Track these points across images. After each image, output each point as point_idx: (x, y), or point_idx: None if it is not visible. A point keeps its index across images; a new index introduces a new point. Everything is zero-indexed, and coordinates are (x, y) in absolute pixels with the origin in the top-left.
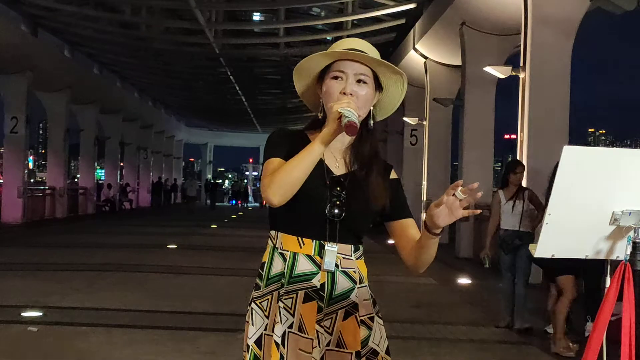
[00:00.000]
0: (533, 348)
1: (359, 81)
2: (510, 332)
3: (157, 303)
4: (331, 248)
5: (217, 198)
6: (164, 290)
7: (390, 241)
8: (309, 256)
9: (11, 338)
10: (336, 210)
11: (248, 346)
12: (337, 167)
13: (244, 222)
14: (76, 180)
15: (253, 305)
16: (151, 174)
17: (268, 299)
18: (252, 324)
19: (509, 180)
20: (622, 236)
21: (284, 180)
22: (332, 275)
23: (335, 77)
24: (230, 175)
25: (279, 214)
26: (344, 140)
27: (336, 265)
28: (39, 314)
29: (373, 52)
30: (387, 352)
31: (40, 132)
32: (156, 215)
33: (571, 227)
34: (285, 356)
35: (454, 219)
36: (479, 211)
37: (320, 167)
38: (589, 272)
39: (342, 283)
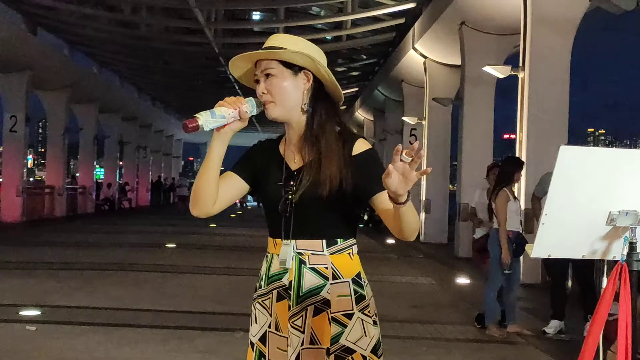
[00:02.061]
0: (531, 348)
1: (267, 76)
2: (510, 332)
3: (156, 302)
4: (285, 245)
5: None
6: (162, 290)
7: (390, 240)
8: (279, 256)
9: (9, 337)
10: (284, 206)
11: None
12: (295, 162)
13: (242, 222)
14: (75, 177)
15: (252, 305)
16: (150, 173)
17: (255, 300)
18: (251, 323)
19: (515, 178)
20: (619, 236)
21: (193, 191)
22: (298, 272)
23: (257, 81)
24: None
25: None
26: (299, 133)
27: (303, 262)
28: (37, 313)
29: (287, 43)
30: (374, 351)
31: (40, 130)
32: (155, 214)
33: (568, 227)
34: (267, 355)
35: (411, 182)
36: (429, 169)
37: (280, 165)
38: (577, 269)
39: (310, 280)
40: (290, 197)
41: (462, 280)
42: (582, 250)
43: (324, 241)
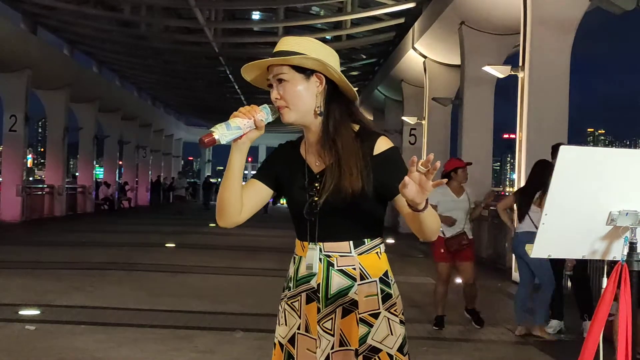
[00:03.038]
0: (531, 348)
1: (280, 81)
2: (508, 332)
3: (156, 302)
4: (311, 249)
5: (212, 197)
6: (162, 289)
7: (390, 240)
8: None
9: (9, 336)
10: (309, 210)
11: (274, 344)
12: (317, 165)
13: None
14: (75, 177)
15: (279, 305)
16: (150, 172)
17: (284, 301)
18: (278, 323)
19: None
20: (619, 236)
21: (218, 204)
22: (326, 275)
23: (270, 86)
24: None
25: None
26: (317, 136)
27: (331, 265)
28: (37, 312)
29: (297, 46)
30: (400, 349)
31: (40, 130)
32: (155, 213)
33: (568, 227)
34: (295, 357)
35: (427, 192)
36: (444, 180)
37: (302, 169)
38: (577, 280)
39: (338, 282)
40: (314, 201)
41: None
42: (582, 251)
43: (351, 242)
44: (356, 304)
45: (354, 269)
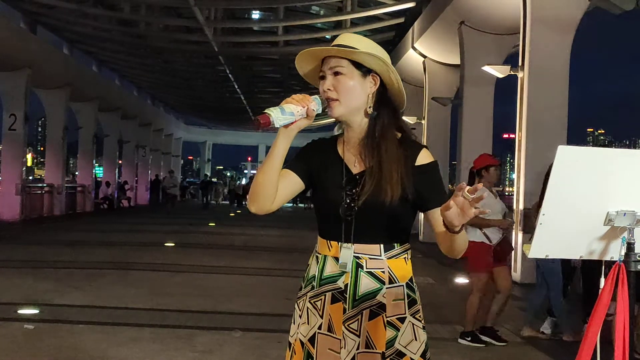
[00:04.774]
0: (531, 348)
1: (336, 74)
2: (509, 332)
3: (154, 301)
4: (346, 248)
5: (210, 197)
6: (161, 288)
7: None
8: (335, 258)
9: (7, 335)
10: (347, 209)
11: (289, 344)
12: (356, 166)
13: (241, 221)
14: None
15: (295, 305)
16: (149, 172)
17: (304, 300)
18: (293, 323)
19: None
20: (617, 237)
21: (253, 187)
22: (355, 276)
23: (322, 77)
24: (229, 174)
25: (316, 219)
26: (359, 135)
27: (360, 266)
28: (36, 311)
29: (353, 42)
30: (423, 355)
31: (39, 129)
32: (154, 212)
33: (565, 228)
34: (314, 356)
35: (467, 217)
36: (487, 210)
37: (339, 167)
38: (586, 273)
39: (367, 284)
40: (353, 202)
41: (462, 279)
42: (580, 251)
43: (382, 246)
44: (384, 307)
45: (383, 272)
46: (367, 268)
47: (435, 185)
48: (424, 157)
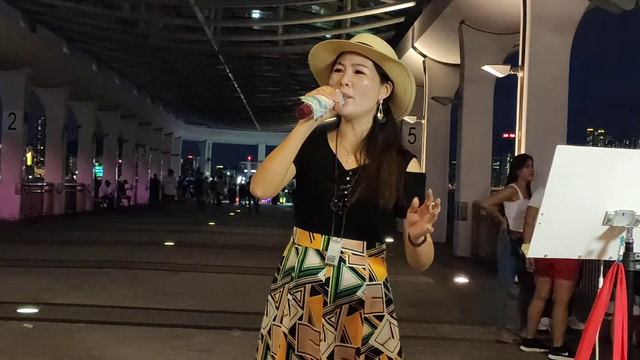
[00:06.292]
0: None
1: (357, 72)
2: (508, 332)
3: (153, 300)
4: (335, 242)
5: (205, 196)
6: (160, 288)
7: (389, 239)
8: (317, 251)
9: (6, 334)
10: (339, 204)
11: (262, 335)
12: (348, 162)
13: (241, 220)
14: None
15: (268, 297)
16: (149, 171)
17: (280, 292)
18: (266, 315)
19: (520, 175)
20: (615, 237)
21: (263, 172)
22: (337, 270)
23: (337, 70)
24: (229, 173)
25: (297, 209)
26: (357, 134)
27: (343, 261)
28: (35, 310)
29: (380, 47)
30: (400, 353)
31: (39, 128)
32: (154, 212)
33: (564, 227)
34: (296, 347)
35: (428, 230)
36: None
37: (332, 162)
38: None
39: (348, 279)
40: (346, 197)
41: (461, 279)
42: (579, 251)
43: (365, 243)
44: (362, 303)
45: (364, 269)
46: (349, 263)
47: (420, 197)
48: (413, 167)
